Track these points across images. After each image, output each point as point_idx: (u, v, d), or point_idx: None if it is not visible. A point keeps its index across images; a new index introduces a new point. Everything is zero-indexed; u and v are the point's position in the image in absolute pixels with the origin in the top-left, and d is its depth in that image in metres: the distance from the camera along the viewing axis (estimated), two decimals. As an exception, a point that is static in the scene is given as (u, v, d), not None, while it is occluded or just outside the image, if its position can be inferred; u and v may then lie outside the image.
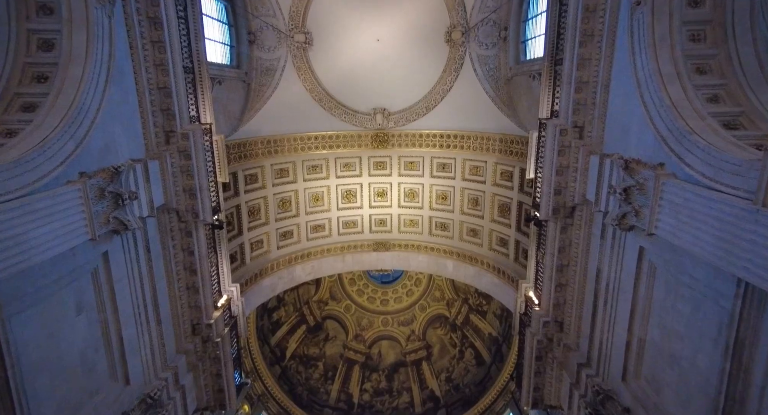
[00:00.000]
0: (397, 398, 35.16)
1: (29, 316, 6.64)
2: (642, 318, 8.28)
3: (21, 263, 6.07)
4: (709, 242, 6.01)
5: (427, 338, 37.01)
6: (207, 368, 11.19)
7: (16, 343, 6.33)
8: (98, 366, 8.16)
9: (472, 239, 17.51)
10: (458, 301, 36.26)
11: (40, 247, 6.38)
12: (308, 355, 35.23)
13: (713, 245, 5.96)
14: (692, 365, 6.97)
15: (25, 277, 6.40)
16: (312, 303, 36.33)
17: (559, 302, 10.83)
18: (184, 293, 10.66)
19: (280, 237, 17.45)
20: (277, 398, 31.28)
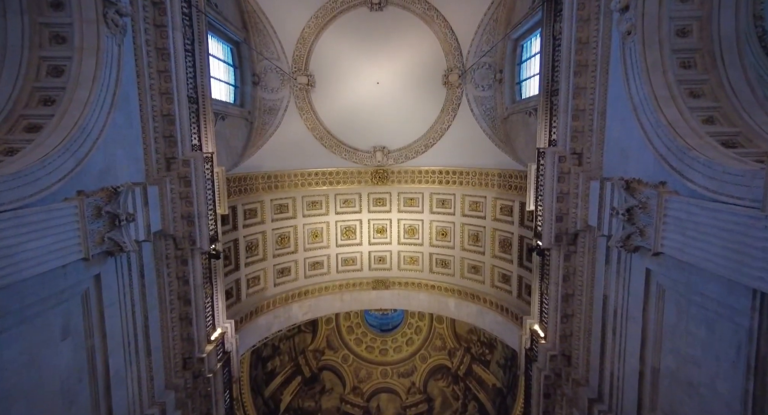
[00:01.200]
0: (397, 460, 32.93)
1: (11, 337, 6.29)
2: (654, 345, 7.90)
3: (9, 276, 5.85)
4: (719, 255, 5.87)
5: (428, 390, 35.27)
6: (197, 406, 10.48)
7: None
8: (80, 398, 7.62)
9: (474, 275, 17.19)
10: (460, 350, 34.97)
11: (31, 261, 6.19)
12: (303, 408, 33.34)
13: (723, 257, 5.81)
14: (712, 391, 6.54)
15: (12, 293, 6.14)
16: (308, 352, 34.97)
17: (565, 333, 10.39)
18: (176, 323, 10.23)
19: (277, 274, 17.12)
20: (270, 456, 29.23)
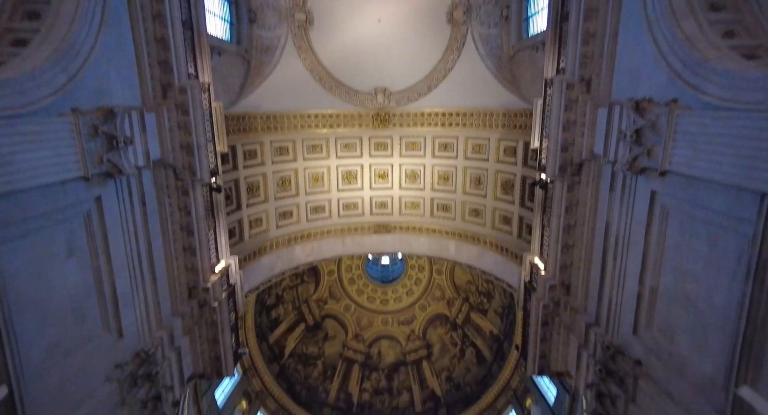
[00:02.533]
0: (397, 398, 34.49)
1: (17, 247, 6.32)
2: (654, 267, 7.98)
3: (8, 184, 5.80)
4: (730, 163, 5.78)
5: (427, 337, 36.48)
6: (203, 333, 10.80)
7: (2, 273, 6.00)
8: (90, 315, 7.81)
9: (475, 219, 17.23)
10: (459, 299, 35.84)
11: (28, 172, 6.12)
12: (307, 354, 34.64)
13: (734, 166, 5.72)
14: (709, 304, 6.65)
15: (13, 203, 6.10)
16: (311, 302, 35.87)
17: (565, 264, 10.52)
18: (180, 254, 10.33)
19: (279, 217, 17.16)
20: (276, 395, 30.68)
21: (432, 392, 34.24)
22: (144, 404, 8.55)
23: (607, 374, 8.65)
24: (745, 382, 5.53)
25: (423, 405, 33.88)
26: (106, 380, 7.89)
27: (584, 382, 9.57)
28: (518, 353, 29.59)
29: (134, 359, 8.46)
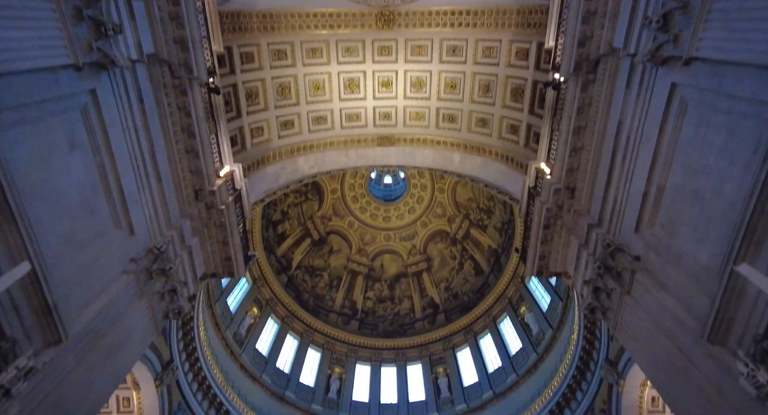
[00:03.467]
0: (398, 305, 36.73)
1: (18, 136, 6.19)
2: (664, 164, 7.88)
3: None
4: (765, 40, 5.37)
5: (427, 251, 37.84)
6: (213, 235, 11.12)
7: (7, 160, 5.93)
8: (100, 210, 7.93)
9: (481, 129, 16.81)
10: (459, 217, 36.52)
11: (13, 52, 5.77)
12: (313, 266, 36.24)
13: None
14: (717, 196, 6.65)
15: (5, 86, 5.84)
16: (316, 218, 36.66)
17: (572, 167, 10.44)
18: (183, 156, 10.24)
19: (280, 126, 16.76)
20: (285, 303, 32.56)
21: (431, 300, 36.31)
22: (161, 296, 9.05)
23: (605, 270, 8.99)
24: (744, 260, 5.70)
25: (423, 312, 36.10)
26: (122, 273, 8.25)
27: (582, 279, 10.00)
28: (518, 256, 30.83)
29: (147, 255, 8.78)
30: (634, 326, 8.22)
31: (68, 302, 6.79)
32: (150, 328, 8.94)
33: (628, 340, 8.62)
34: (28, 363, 5.25)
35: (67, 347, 6.58)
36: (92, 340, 7.13)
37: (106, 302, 7.52)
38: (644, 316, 7.88)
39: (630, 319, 8.37)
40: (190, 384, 20.15)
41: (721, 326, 6.22)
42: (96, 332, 7.23)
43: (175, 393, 19.18)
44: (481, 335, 31.75)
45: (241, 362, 25.34)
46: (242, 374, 25.11)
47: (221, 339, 24.61)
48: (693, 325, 6.73)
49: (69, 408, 6.64)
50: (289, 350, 30.37)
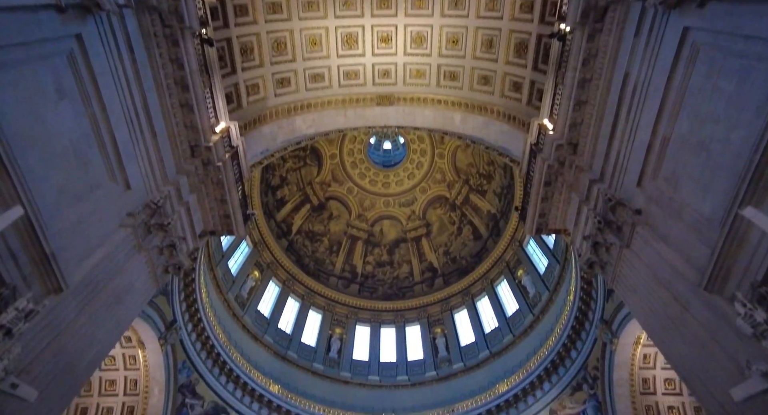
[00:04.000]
0: (397, 269, 37.18)
1: (2, 81, 5.97)
2: (670, 114, 7.68)
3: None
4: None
5: (426, 217, 37.93)
6: (211, 192, 11.02)
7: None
8: (94, 162, 7.78)
9: (483, 86, 16.38)
10: (459, 182, 36.37)
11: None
12: (313, 231, 36.41)
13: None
14: (724, 145, 6.51)
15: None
16: (315, 184, 36.50)
17: (575, 122, 10.21)
18: (177, 110, 9.97)
19: (276, 84, 16.30)
20: (286, 266, 32.91)
21: (430, 265, 36.72)
22: (160, 250, 9.05)
23: (605, 225, 8.96)
24: (750, 203, 5.63)
25: (421, 275, 36.59)
26: (120, 226, 8.21)
27: (581, 235, 9.99)
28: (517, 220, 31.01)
29: (144, 209, 8.70)
30: (633, 278, 8.28)
31: (66, 253, 6.76)
32: (150, 282, 9.00)
33: (626, 292, 8.71)
34: (27, 305, 5.27)
35: (68, 296, 6.62)
36: (93, 290, 7.17)
37: (104, 254, 7.51)
38: (643, 269, 7.92)
39: (628, 272, 8.41)
40: (193, 343, 20.64)
41: (719, 275, 6.24)
42: (96, 282, 7.27)
43: (179, 352, 19.68)
44: (479, 297, 32.32)
45: (243, 323, 25.88)
46: (245, 334, 25.70)
47: (223, 301, 25.03)
48: (691, 275, 6.76)
49: (72, 356, 6.76)
50: (291, 311, 30.97)
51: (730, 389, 5.62)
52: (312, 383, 26.32)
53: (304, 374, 26.72)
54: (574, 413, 20.22)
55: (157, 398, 18.42)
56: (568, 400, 20.53)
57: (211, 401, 20.58)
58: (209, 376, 20.85)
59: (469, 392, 24.99)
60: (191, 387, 20.08)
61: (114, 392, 18.49)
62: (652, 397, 18.42)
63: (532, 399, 21.84)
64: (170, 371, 18.90)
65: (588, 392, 19.92)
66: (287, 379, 25.25)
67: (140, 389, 18.52)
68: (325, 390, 26.01)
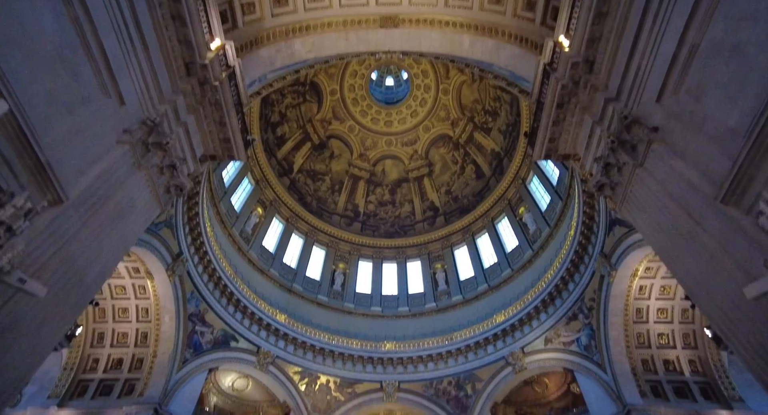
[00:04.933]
0: (399, 208, 37.35)
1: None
2: (703, 18, 7.06)
3: None
4: None
5: (429, 156, 37.39)
6: (209, 114, 10.60)
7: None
8: (83, 73, 7.33)
9: (494, 6, 15.24)
10: (463, 120, 35.40)
11: None
12: (315, 170, 36.09)
13: None
14: (760, 48, 6.01)
15: None
16: (315, 122, 35.57)
17: (594, 36, 9.52)
18: (169, 23, 9.27)
19: (273, 3, 15.15)
20: (288, 204, 33.02)
21: (432, 204, 36.84)
22: (160, 170, 8.84)
23: (618, 144, 8.65)
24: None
25: (423, 214, 36.83)
26: (117, 142, 7.93)
27: (592, 157, 9.71)
28: (520, 158, 30.65)
29: (141, 127, 8.37)
30: (643, 198, 8.12)
31: (63, 165, 6.55)
32: (152, 200, 8.88)
33: (635, 213, 8.60)
34: (26, 204, 5.15)
35: (69, 208, 6.50)
36: (94, 204, 7.06)
37: (103, 170, 7.30)
38: (655, 186, 7.73)
39: (639, 191, 8.24)
40: (200, 275, 21.16)
41: (738, 187, 6.05)
42: (97, 196, 7.13)
43: (187, 283, 20.21)
44: (479, 234, 32.75)
45: (249, 258, 26.43)
46: (251, 268, 26.34)
47: (228, 236, 25.36)
48: (707, 189, 6.58)
49: (81, 266, 6.79)
50: (295, 247, 31.55)
51: (743, 287, 5.60)
52: (317, 313, 27.41)
53: (309, 306, 27.76)
54: (569, 340, 21.17)
55: (168, 325, 19.19)
56: (563, 329, 21.41)
57: (221, 328, 21.49)
58: (217, 306, 21.61)
59: (467, 322, 26.05)
60: (200, 316, 20.88)
61: (127, 319, 19.24)
62: (644, 325, 19.16)
63: (527, 328, 22.79)
64: (179, 300, 19.53)
65: (583, 322, 20.71)
66: (293, 309, 26.25)
67: (152, 317, 19.25)
68: (329, 320, 27.14)
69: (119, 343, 19.20)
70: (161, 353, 18.84)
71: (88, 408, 17.56)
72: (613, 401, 18.03)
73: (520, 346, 22.48)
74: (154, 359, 18.79)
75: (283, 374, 22.46)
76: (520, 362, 21.97)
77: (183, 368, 19.23)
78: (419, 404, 22.90)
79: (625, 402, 17.46)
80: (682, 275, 7.45)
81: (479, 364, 23.21)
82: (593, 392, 18.98)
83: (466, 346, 23.99)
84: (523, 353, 22.19)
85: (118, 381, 18.70)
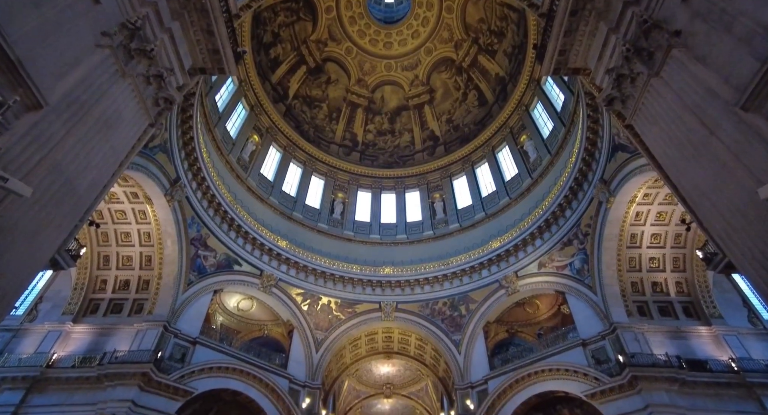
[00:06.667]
0: (398, 138, 36.59)
1: None
2: None
3: None
4: None
5: (431, 82, 35.81)
6: (195, 20, 9.75)
7: None
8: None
9: None
10: (467, 41, 33.41)
11: None
12: (311, 96, 34.73)
13: None
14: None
15: None
16: (310, 43, 33.52)
17: None
18: None
19: None
20: (285, 132, 32.27)
21: (432, 133, 36.09)
22: (146, 79, 8.31)
23: (634, 52, 8.06)
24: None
25: (423, 144, 36.25)
26: (96, 46, 7.32)
27: (604, 69, 9.14)
28: (525, 83, 29.54)
29: (121, 30, 7.70)
30: (656, 109, 7.73)
31: (37, 65, 6.06)
32: (140, 112, 8.44)
33: (646, 126, 8.26)
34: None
35: (50, 113, 6.13)
36: (77, 111, 6.67)
37: (83, 75, 6.81)
38: (670, 96, 7.32)
39: (652, 102, 7.83)
40: (200, 201, 21.18)
41: (762, 90, 5.67)
42: (80, 103, 6.72)
43: (187, 209, 20.28)
44: (479, 164, 32.51)
45: (248, 185, 26.36)
46: (250, 195, 26.37)
47: (225, 163, 25.06)
48: (728, 95, 6.21)
49: (71, 175, 6.58)
50: (294, 176, 31.41)
51: (758, 189, 5.46)
52: (317, 240, 27.97)
53: (309, 233, 28.24)
54: (562, 264, 21.80)
55: (171, 248, 19.57)
56: (557, 254, 21.96)
57: (223, 253, 21.98)
58: (219, 231, 21.91)
59: (464, 248, 26.70)
60: (202, 241, 21.23)
61: (130, 243, 19.57)
62: (637, 250, 19.63)
63: (522, 254, 23.37)
64: (180, 225, 19.73)
65: (577, 247, 21.18)
66: (294, 236, 26.73)
67: (154, 241, 19.57)
68: (329, 246, 27.76)
69: (125, 265, 19.72)
70: (166, 275, 19.42)
71: (101, 324, 18.48)
72: (600, 320, 18.99)
73: (514, 270, 23.22)
74: (159, 281, 19.43)
75: (286, 295, 23.41)
76: (514, 284, 22.82)
77: (188, 290, 19.95)
78: (415, 322, 24.18)
79: (612, 321, 18.40)
80: (688, 187, 7.31)
81: (473, 287, 24.15)
82: (582, 312, 19.93)
83: (462, 270, 24.78)
84: (517, 276, 22.97)
85: (127, 301, 19.49)
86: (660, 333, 18.09)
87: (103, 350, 17.09)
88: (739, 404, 15.39)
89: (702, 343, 17.75)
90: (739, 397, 15.52)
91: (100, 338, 18.01)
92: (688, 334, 18.15)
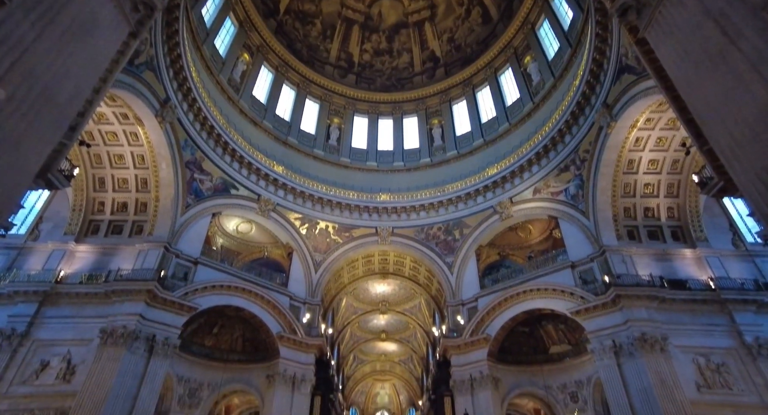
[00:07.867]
0: (397, 59, 34.69)
1: None
2: None
3: None
4: None
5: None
6: None
7: None
8: None
9: None
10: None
11: None
12: (304, 11, 32.24)
13: None
14: None
15: None
16: (301, -49, 30.48)
17: None
18: None
19: None
20: (277, 51, 30.49)
21: (432, 54, 34.25)
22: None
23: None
24: None
25: (422, 66, 34.59)
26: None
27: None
28: None
29: None
30: (674, 17, 7.19)
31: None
32: (118, 17, 7.74)
33: (660, 37, 7.73)
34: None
35: (15, 11, 5.60)
36: (45, 12, 6.07)
37: (47, -31, 6.13)
38: (692, 2, 6.75)
39: (671, 10, 7.25)
40: (192, 123, 20.59)
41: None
42: (47, 4, 6.11)
43: (180, 131, 19.76)
44: (480, 87, 31.34)
45: (240, 107, 25.50)
46: (243, 119, 25.62)
47: (216, 83, 24.00)
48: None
49: (47, 83, 6.19)
50: (287, 99, 30.32)
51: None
52: (314, 166, 27.78)
53: (305, 159, 27.95)
54: (557, 190, 21.92)
55: (166, 171, 19.38)
56: (553, 180, 21.98)
57: (219, 177, 21.86)
58: (213, 154, 21.60)
59: (460, 175, 26.67)
60: (198, 164, 21.00)
61: (124, 165, 19.33)
62: (633, 176, 19.63)
63: (518, 180, 23.39)
64: (173, 147, 19.36)
65: (574, 173, 21.14)
66: (290, 162, 26.48)
67: (148, 164, 19.33)
68: (326, 173, 27.65)
69: (121, 188, 19.67)
70: (163, 198, 19.47)
71: (103, 244, 18.90)
72: (591, 243, 19.55)
73: (508, 196, 23.42)
74: (157, 204, 19.52)
75: (285, 219, 23.76)
76: (507, 210, 23.15)
77: (187, 212, 20.13)
78: (410, 246, 24.89)
79: (602, 244, 18.95)
80: (698, 104, 7.02)
81: (468, 212, 24.53)
82: (573, 236, 20.46)
83: (457, 197, 25.00)
84: (511, 202, 23.23)
85: (127, 222, 19.75)
86: (647, 256, 18.75)
87: (108, 269, 17.66)
88: (711, 318, 16.45)
89: (685, 264, 18.49)
90: (712, 312, 16.54)
91: (104, 257, 18.51)
92: (673, 256, 18.84)
